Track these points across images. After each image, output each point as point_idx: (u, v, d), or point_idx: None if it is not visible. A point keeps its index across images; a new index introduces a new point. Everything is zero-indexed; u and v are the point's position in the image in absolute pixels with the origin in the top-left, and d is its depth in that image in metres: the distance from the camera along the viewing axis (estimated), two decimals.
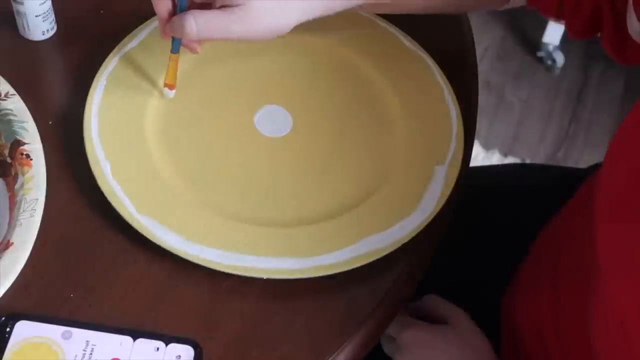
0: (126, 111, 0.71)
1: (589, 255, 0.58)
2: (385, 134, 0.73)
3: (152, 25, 0.77)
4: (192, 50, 0.69)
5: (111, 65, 0.73)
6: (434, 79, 0.76)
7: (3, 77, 0.71)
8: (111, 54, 0.74)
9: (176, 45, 0.69)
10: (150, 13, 0.78)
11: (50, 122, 0.70)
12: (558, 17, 0.71)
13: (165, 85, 0.72)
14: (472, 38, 0.82)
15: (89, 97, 0.71)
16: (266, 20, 0.63)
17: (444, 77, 0.76)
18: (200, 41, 0.68)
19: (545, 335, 0.66)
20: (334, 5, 0.66)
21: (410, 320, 0.72)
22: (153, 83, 0.73)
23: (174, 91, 0.72)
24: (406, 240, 0.65)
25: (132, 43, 0.75)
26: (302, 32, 0.77)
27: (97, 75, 0.72)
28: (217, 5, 0.64)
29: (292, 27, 0.65)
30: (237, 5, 0.62)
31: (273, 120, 0.73)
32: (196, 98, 0.73)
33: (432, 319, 0.72)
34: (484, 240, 0.83)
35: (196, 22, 0.63)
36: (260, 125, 0.72)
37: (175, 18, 0.64)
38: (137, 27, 0.77)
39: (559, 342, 0.64)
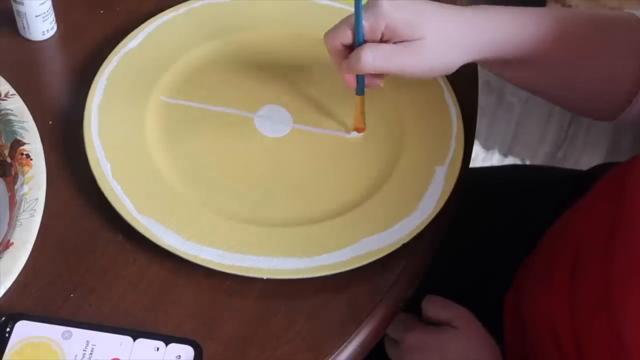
0: (126, 111, 0.71)
1: (621, 248, 0.58)
2: (385, 133, 0.73)
3: (152, 25, 0.77)
4: (376, 87, 0.70)
5: (111, 65, 0.73)
6: (434, 80, 0.76)
7: (3, 77, 0.71)
8: (111, 53, 0.74)
9: (361, 86, 0.69)
10: (150, 13, 0.79)
11: (50, 122, 0.70)
12: None
13: (355, 129, 0.72)
14: None
15: (89, 97, 0.70)
16: (438, 57, 0.66)
17: (444, 77, 0.76)
18: (382, 76, 0.69)
19: (560, 331, 0.65)
20: (489, 51, 0.67)
21: (415, 322, 0.71)
22: (153, 83, 0.73)
23: (361, 134, 0.72)
24: (406, 240, 0.65)
25: (132, 43, 0.75)
26: (303, 33, 0.77)
27: (97, 75, 0.72)
28: (393, 42, 0.65)
29: (457, 67, 0.67)
30: (414, 40, 0.64)
31: (273, 120, 0.73)
32: (196, 98, 0.73)
33: (434, 322, 0.72)
34: (484, 241, 0.83)
35: (372, 54, 0.64)
36: (260, 125, 0.72)
37: (352, 53, 0.65)
38: (137, 27, 0.77)
39: (576, 339, 0.64)
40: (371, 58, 0.64)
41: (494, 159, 1.75)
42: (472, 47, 0.67)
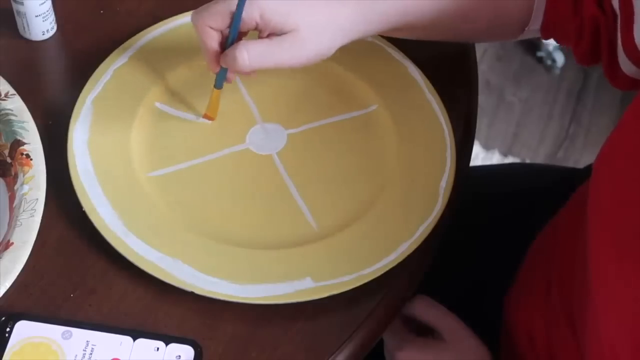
0: (114, 130, 0.70)
1: (580, 272, 0.58)
2: (379, 151, 0.72)
3: (141, 41, 0.76)
4: (228, 81, 0.69)
5: (98, 86, 0.72)
6: (421, 95, 0.74)
7: (3, 77, 0.71)
8: (99, 68, 0.73)
9: (220, 80, 0.69)
10: (150, 13, 0.79)
11: (50, 122, 0.70)
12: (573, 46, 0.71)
13: (205, 116, 0.71)
14: None
15: (72, 119, 0.69)
16: (314, 45, 0.65)
17: (432, 88, 0.75)
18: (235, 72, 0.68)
19: (537, 342, 0.66)
20: (369, 29, 0.68)
21: (405, 337, 0.71)
22: (141, 99, 0.72)
23: (210, 122, 0.71)
24: (408, 253, 0.64)
25: (120, 59, 0.74)
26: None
27: (81, 96, 0.71)
28: (265, 34, 0.65)
29: (335, 49, 0.66)
30: (287, 33, 0.64)
31: (265, 138, 0.71)
32: (189, 110, 0.72)
33: (423, 327, 0.71)
34: (484, 241, 0.83)
35: (248, 53, 0.64)
36: (252, 144, 0.71)
37: (228, 51, 0.65)
38: (136, 27, 0.77)
39: (549, 349, 0.64)
40: (247, 58, 0.64)
41: (494, 159, 1.75)
42: (349, 30, 0.66)
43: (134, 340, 0.58)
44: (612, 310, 0.53)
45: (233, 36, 0.65)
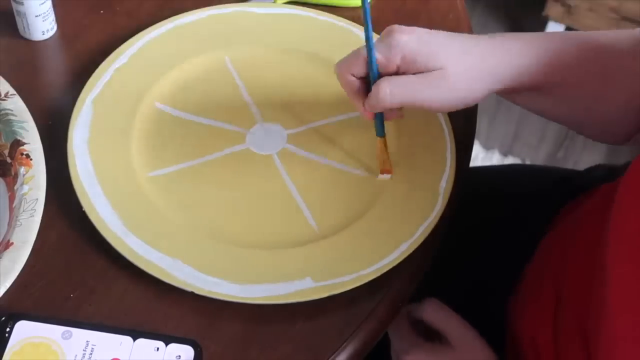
0: (114, 130, 0.70)
1: (597, 293, 0.57)
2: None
3: (141, 41, 0.76)
4: (398, 117, 0.68)
5: (98, 86, 0.72)
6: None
7: (3, 77, 0.71)
8: (99, 68, 0.73)
9: (379, 127, 0.67)
10: (150, 14, 0.79)
11: (50, 122, 0.70)
12: None
13: (382, 171, 0.69)
14: None
15: (73, 114, 0.70)
16: (459, 89, 0.63)
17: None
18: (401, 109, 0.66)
19: (542, 351, 0.66)
20: (509, 81, 0.64)
21: (413, 341, 0.70)
22: (140, 100, 0.72)
23: (389, 175, 0.69)
24: (408, 253, 0.64)
25: (120, 59, 0.74)
26: (296, 53, 0.76)
27: (81, 96, 0.71)
28: (412, 72, 0.63)
29: (479, 100, 0.65)
30: (433, 70, 0.62)
31: (265, 138, 0.71)
32: (189, 110, 0.73)
33: (432, 330, 0.71)
34: (484, 241, 0.83)
35: (390, 86, 0.62)
36: (252, 144, 0.71)
37: (372, 90, 0.63)
38: (136, 27, 0.77)
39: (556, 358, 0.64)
40: (389, 93, 0.62)
41: (494, 159, 1.75)
42: (492, 78, 0.64)
43: (134, 340, 0.58)
44: (631, 336, 0.52)
45: (373, 75, 0.63)
